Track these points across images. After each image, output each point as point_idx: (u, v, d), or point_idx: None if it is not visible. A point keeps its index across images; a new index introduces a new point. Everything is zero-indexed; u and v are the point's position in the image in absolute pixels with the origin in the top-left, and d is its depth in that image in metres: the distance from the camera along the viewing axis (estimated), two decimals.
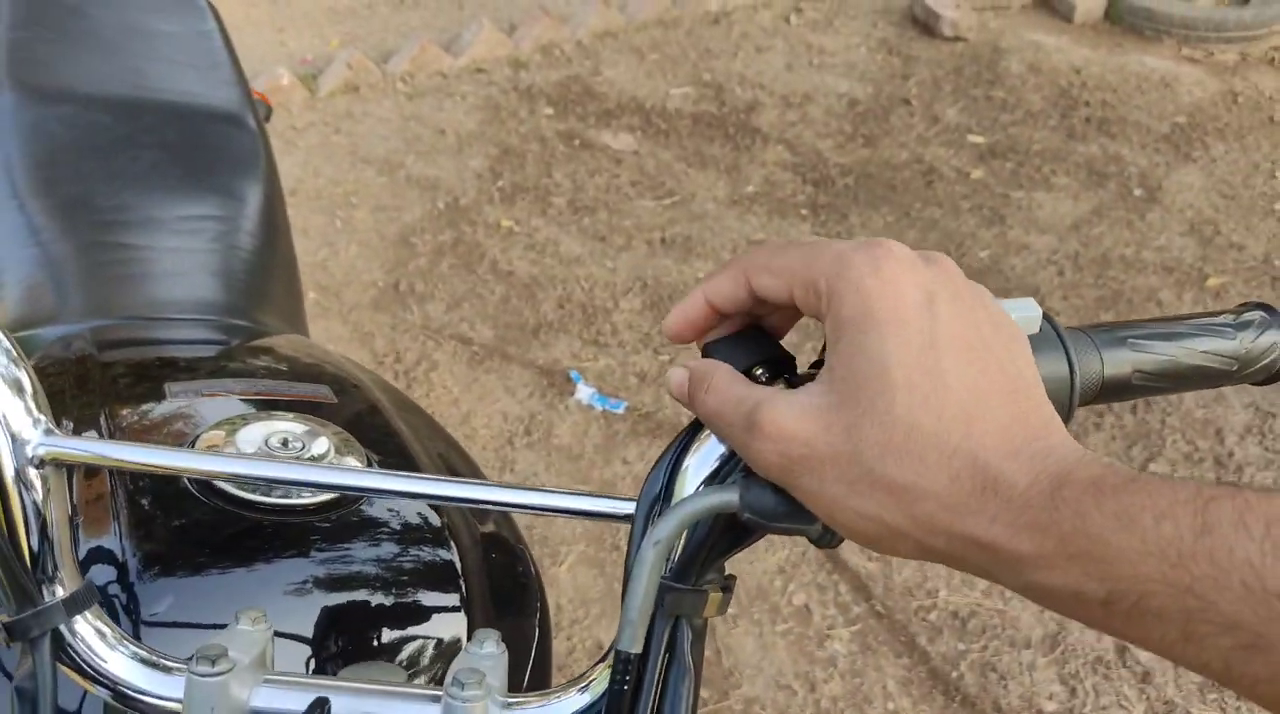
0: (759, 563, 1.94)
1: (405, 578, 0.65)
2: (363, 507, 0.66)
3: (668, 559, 0.43)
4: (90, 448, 0.45)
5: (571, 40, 3.69)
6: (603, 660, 0.45)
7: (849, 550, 1.96)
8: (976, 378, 0.39)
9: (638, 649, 0.41)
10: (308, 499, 0.64)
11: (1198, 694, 1.74)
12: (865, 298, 0.40)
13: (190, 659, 0.44)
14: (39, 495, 0.45)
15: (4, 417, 0.45)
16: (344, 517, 0.65)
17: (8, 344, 0.46)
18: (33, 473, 0.45)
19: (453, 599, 0.66)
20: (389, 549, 0.65)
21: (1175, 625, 0.34)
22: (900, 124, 3.32)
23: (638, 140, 3.20)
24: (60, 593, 0.46)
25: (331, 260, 2.68)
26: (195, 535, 0.62)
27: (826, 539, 0.41)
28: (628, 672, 0.42)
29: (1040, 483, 0.37)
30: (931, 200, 2.98)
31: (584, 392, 2.30)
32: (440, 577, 0.66)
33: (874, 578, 1.91)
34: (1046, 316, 0.47)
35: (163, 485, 0.64)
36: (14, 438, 0.45)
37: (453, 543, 0.68)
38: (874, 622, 1.84)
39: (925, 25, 3.79)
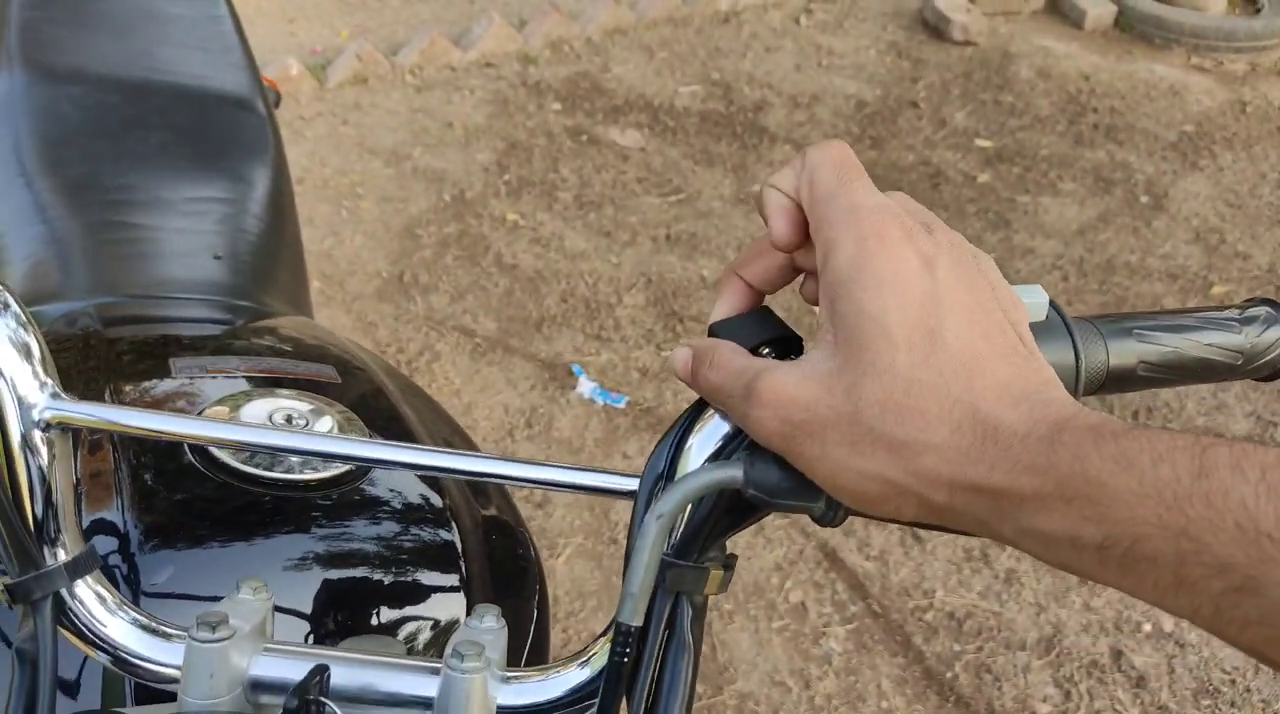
0: (756, 560, 1.94)
1: (406, 556, 0.65)
2: (365, 484, 0.66)
3: (670, 535, 0.43)
4: (96, 412, 0.45)
5: (581, 37, 3.69)
6: (603, 635, 0.45)
7: (847, 549, 1.96)
8: (976, 339, 0.40)
9: (638, 622, 0.42)
10: (310, 475, 0.64)
11: (1191, 699, 1.74)
12: (867, 258, 0.40)
13: (190, 626, 0.44)
14: (44, 459, 0.45)
15: (12, 380, 0.45)
16: (346, 494, 0.65)
17: (16, 309, 0.46)
18: (39, 436, 0.45)
19: (452, 578, 0.66)
20: (390, 527, 0.66)
21: (1168, 570, 0.34)
22: (908, 127, 3.32)
23: (645, 137, 3.20)
24: (63, 556, 0.46)
25: (337, 249, 2.69)
26: (197, 508, 0.62)
27: (829, 516, 0.41)
28: (628, 644, 0.42)
29: (1039, 429, 0.37)
30: (938, 203, 2.98)
31: (586, 386, 2.31)
32: (441, 556, 0.66)
33: (871, 577, 1.91)
34: (1053, 304, 0.47)
35: (166, 459, 0.64)
36: (21, 401, 0.45)
37: (453, 523, 0.68)
38: (870, 621, 1.84)
39: (935, 29, 3.79)
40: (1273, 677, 1.78)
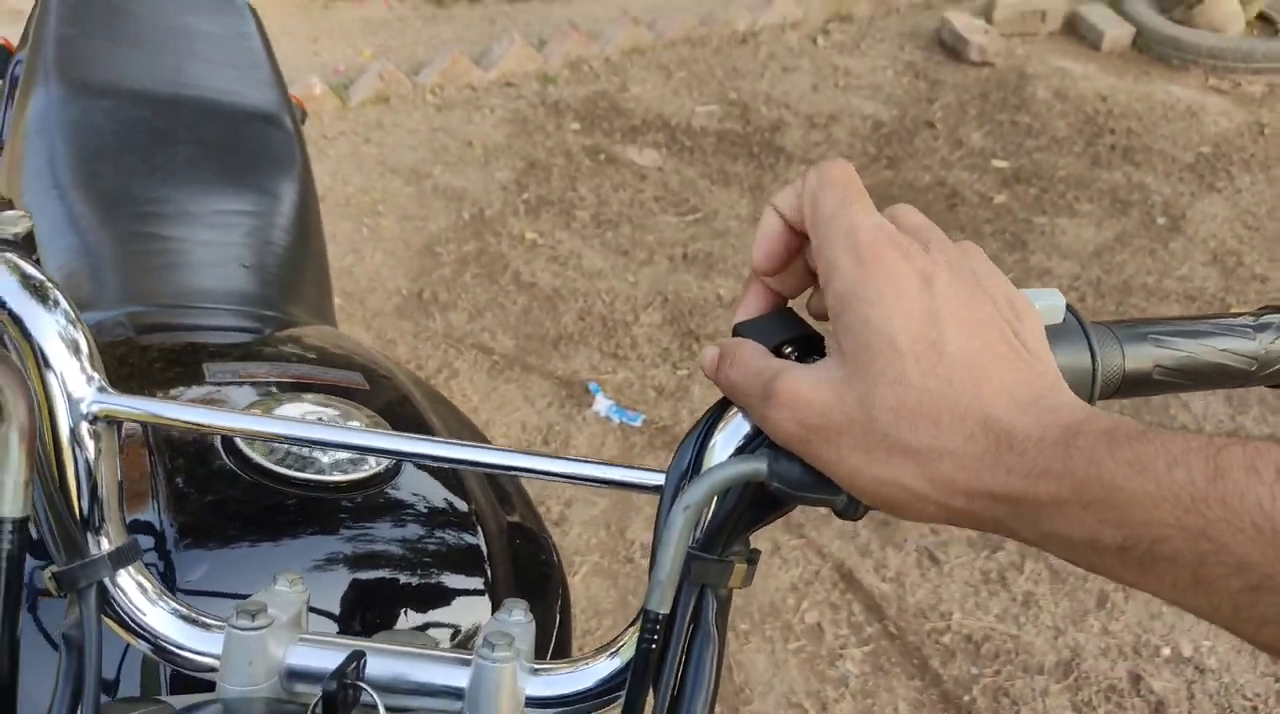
0: (772, 580, 1.94)
1: (432, 558, 0.66)
2: (393, 488, 0.68)
3: (695, 530, 0.44)
4: (141, 406, 0.47)
5: (600, 57, 3.73)
6: (630, 627, 0.46)
7: (864, 570, 1.96)
8: (979, 348, 0.41)
9: (665, 609, 0.43)
10: (339, 477, 0.66)
11: None
12: (865, 276, 0.41)
13: (229, 616, 0.45)
14: (91, 452, 0.47)
15: (61, 375, 0.46)
16: (375, 496, 0.67)
17: (66, 306, 0.48)
18: (86, 429, 0.47)
19: (477, 581, 0.67)
20: (417, 529, 0.67)
21: (1187, 570, 0.35)
22: (924, 147, 3.33)
23: (663, 157, 3.23)
24: (106, 546, 0.47)
25: (357, 267, 2.71)
26: (231, 508, 0.64)
27: (851, 510, 0.42)
28: (655, 631, 0.43)
29: (1052, 433, 0.38)
30: (954, 224, 2.99)
31: (602, 403, 2.32)
32: (466, 559, 0.67)
33: (887, 599, 1.91)
34: (1070, 308, 0.48)
35: (201, 460, 0.65)
36: (70, 395, 0.46)
37: (479, 527, 0.69)
38: (886, 643, 1.84)
39: (952, 50, 3.81)
40: None
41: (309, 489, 0.65)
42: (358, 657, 0.45)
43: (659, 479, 0.45)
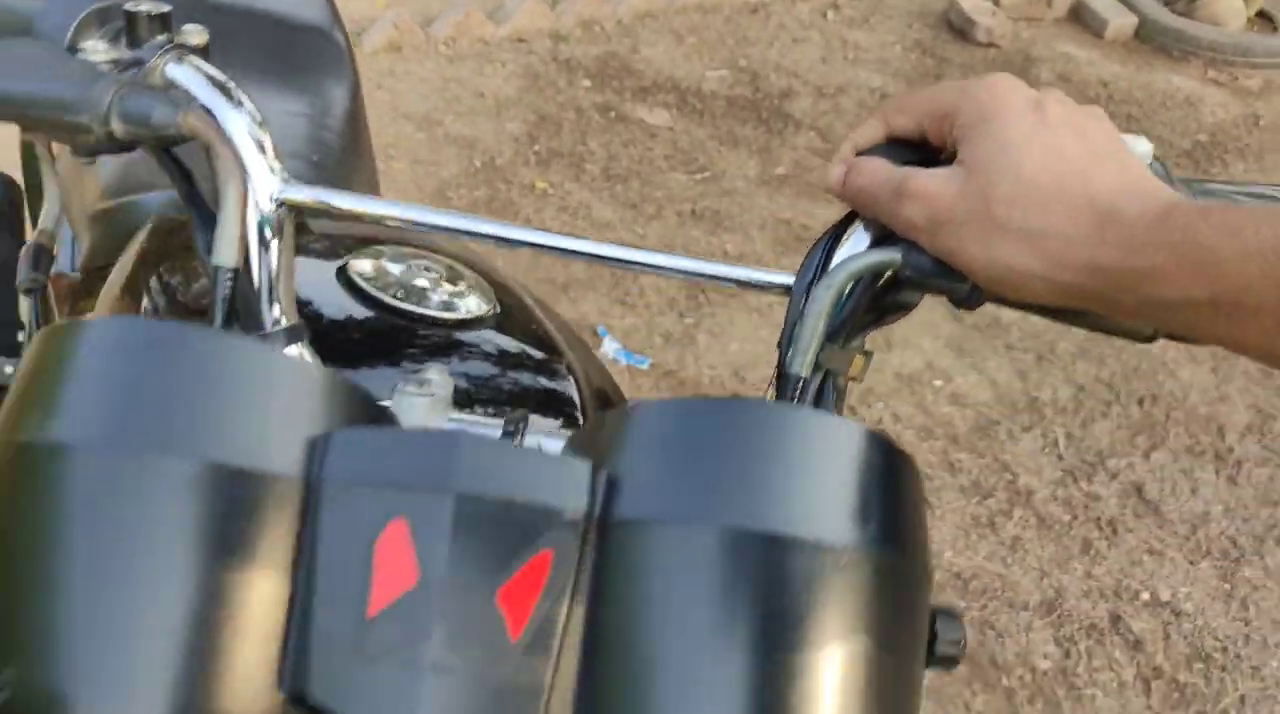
0: None
1: (532, 398, 0.72)
2: (494, 331, 0.73)
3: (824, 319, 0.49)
4: (322, 196, 0.52)
5: (612, 18, 3.76)
6: (766, 391, 0.51)
7: None
8: (1085, 153, 0.48)
9: (806, 373, 0.48)
10: (448, 315, 0.71)
11: (1185, 663, 1.82)
12: (982, 106, 0.49)
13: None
14: (273, 238, 0.52)
15: (251, 169, 0.51)
16: (479, 336, 0.72)
17: (250, 105, 0.53)
18: (272, 216, 0.52)
19: (572, 427, 0.72)
20: (519, 370, 0.72)
21: (1270, 316, 0.41)
22: None
23: (673, 117, 3.28)
24: (282, 321, 0.53)
25: None
26: (348, 333, 0.69)
27: (973, 298, 0.48)
28: (794, 389, 0.48)
29: (1151, 212, 0.45)
30: None
31: (610, 346, 2.37)
32: (562, 402, 0.73)
33: None
34: (1156, 156, 0.54)
35: (319, 290, 0.70)
36: (258, 186, 0.51)
37: (572, 377, 0.74)
38: None
39: (960, 30, 3.88)
40: (1261, 644, 1.85)
41: (419, 322, 0.70)
42: (522, 417, 0.50)
43: (788, 279, 0.51)
